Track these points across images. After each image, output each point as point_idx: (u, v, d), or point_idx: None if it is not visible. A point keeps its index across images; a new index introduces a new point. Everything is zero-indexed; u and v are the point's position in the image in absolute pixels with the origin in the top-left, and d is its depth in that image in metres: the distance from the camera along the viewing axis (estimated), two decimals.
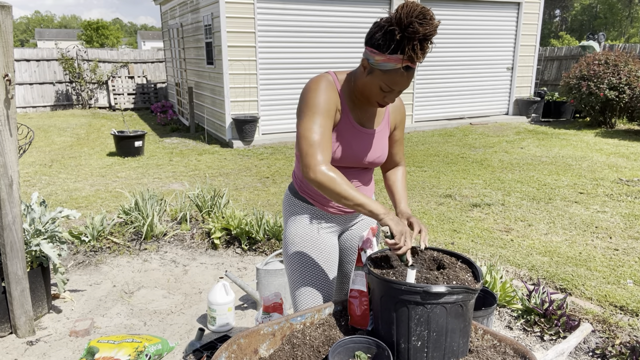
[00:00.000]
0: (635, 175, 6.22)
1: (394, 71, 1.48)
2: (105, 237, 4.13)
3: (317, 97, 1.55)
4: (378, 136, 1.74)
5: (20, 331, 2.79)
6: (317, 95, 1.55)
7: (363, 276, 1.54)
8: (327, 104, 1.56)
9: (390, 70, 1.48)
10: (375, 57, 1.48)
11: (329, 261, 1.82)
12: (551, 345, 2.71)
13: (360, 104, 1.68)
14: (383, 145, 1.76)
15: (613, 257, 3.79)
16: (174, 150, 8.30)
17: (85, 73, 13.68)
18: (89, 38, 58.21)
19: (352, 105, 1.67)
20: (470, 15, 10.40)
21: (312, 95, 1.55)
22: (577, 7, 49.32)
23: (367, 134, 1.71)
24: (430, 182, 5.99)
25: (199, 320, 3.03)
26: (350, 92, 1.66)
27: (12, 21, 2.52)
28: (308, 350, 1.43)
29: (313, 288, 1.80)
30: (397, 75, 1.48)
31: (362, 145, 1.70)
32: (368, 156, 1.73)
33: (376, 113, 1.74)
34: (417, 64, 1.49)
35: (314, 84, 1.58)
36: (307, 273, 1.80)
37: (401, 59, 1.45)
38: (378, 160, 1.76)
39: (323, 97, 1.56)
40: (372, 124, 1.73)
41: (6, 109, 2.52)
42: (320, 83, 1.58)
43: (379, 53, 1.47)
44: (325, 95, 1.56)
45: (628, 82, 9.27)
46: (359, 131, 1.69)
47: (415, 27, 1.38)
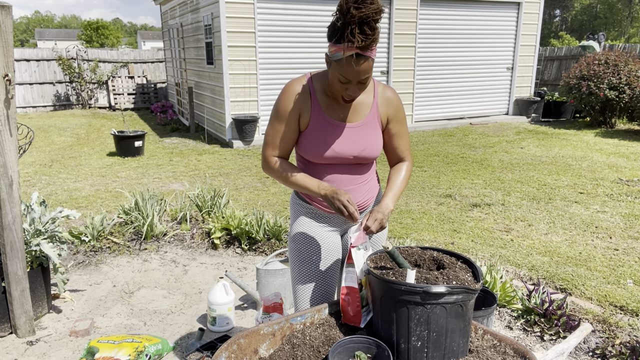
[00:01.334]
0: (635, 175, 6.22)
1: (344, 60, 1.51)
2: (105, 237, 4.13)
3: (278, 103, 1.72)
4: (361, 129, 1.74)
5: (20, 331, 2.79)
6: (278, 102, 1.72)
7: (354, 273, 1.57)
8: (285, 109, 1.70)
9: (340, 60, 1.52)
10: (329, 49, 1.57)
11: (328, 258, 1.84)
12: (551, 345, 2.71)
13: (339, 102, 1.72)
14: (369, 139, 1.75)
15: (613, 257, 3.79)
16: (174, 150, 8.30)
17: (85, 73, 13.68)
18: (89, 38, 58.20)
19: (327, 102, 1.72)
20: (470, 15, 10.40)
21: (276, 102, 1.73)
22: (577, 7, 49.31)
23: (345, 128, 1.73)
24: (430, 182, 5.99)
25: (199, 320, 3.03)
26: (324, 89, 1.72)
27: (12, 21, 2.52)
28: (308, 350, 1.43)
29: (311, 283, 1.83)
30: (346, 64, 1.52)
31: (341, 139, 1.72)
32: (351, 150, 1.73)
33: (358, 107, 1.74)
34: (370, 51, 1.51)
35: (282, 91, 1.73)
36: (306, 269, 1.84)
37: (345, 46, 1.49)
38: (364, 153, 1.75)
39: (282, 103, 1.70)
40: (355, 117, 1.74)
41: (6, 109, 2.52)
42: (285, 89, 1.71)
43: (330, 44, 1.55)
44: (285, 101, 1.70)
45: (628, 82, 9.27)
46: (334, 126, 1.72)
47: (351, 11, 1.43)
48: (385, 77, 9.81)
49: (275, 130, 1.74)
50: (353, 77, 1.54)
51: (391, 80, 9.81)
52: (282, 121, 1.72)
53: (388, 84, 9.82)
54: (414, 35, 9.81)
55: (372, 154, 1.77)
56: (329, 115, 1.72)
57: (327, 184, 1.68)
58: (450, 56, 10.48)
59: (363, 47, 1.48)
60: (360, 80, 1.57)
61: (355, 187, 1.80)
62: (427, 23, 9.97)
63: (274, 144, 1.75)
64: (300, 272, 1.85)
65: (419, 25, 9.83)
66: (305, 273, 1.84)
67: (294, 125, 1.72)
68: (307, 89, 1.71)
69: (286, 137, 1.74)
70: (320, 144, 1.71)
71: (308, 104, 1.70)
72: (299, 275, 1.85)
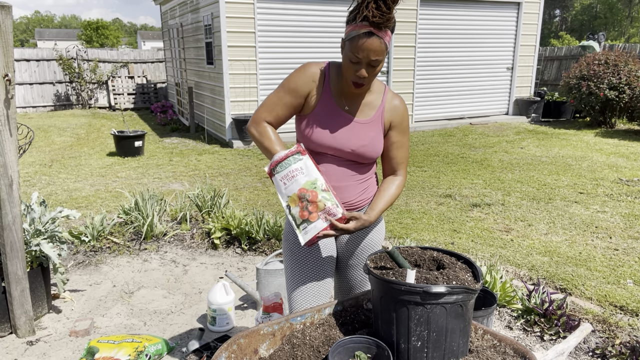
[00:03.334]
0: (635, 175, 6.22)
1: (357, 37, 1.54)
2: (105, 237, 4.13)
3: (291, 76, 1.74)
4: (365, 126, 1.75)
5: (20, 331, 2.79)
6: (291, 75, 1.74)
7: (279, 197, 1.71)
8: (296, 83, 1.72)
9: (354, 38, 1.55)
10: (345, 32, 1.61)
11: (323, 260, 1.83)
12: (551, 345, 2.71)
13: (349, 93, 1.73)
14: (371, 138, 1.75)
15: (613, 257, 3.79)
16: (174, 150, 8.30)
17: (85, 73, 13.68)
18: (89, 38, 58.21)
19: (338, 91, 1.74)
20: (470, 15, 10.40)
21: (289, 75, 1.75)
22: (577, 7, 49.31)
23: (349, 120, 1.74)
24: (430, 182, 5.99)
25: (199, 320, 3.03)
26: (338, 80, 1.74)
27: (12, 21, 2.52)
28: (308, 350, 1.43)
29: (304, 285, 1.82)
30: (359, 41, 1.54)
31: (343, 130, 1.73)
32: (351, 143, 1.73)
33: (366, 106, 1.75)
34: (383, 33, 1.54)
35: (299, 67, 1.75)
36: (299, 271, 1.83)
37: (361, 24, 1.53)
38: (363, 150, 1.74)
39: (295, 77, 1.73)
40: (361, 114, 1.76)
41: (6, 109, 2.52)
42: (302, 67, 1.73)
43: (347, 25, 1.60)
44: (299, 76, 1.72)
45: (628, 82, 9.27)
46: (339, 115, 1.73)
47: None
48: (385, 77, 9.81)
49: (279, 98, 1.74)
50: (364, 56, 1.55)
51: (391, 80, 9.81)
52: (289, 93, 1.73)
53: (388, 84, 9.82)
54: (414, 35, 9.81)
55: (371, 153, 1.76)
56: (337, 104, 1.73)
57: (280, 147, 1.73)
58: (450, 56, 10.48)
59: (377, 24, 1.51)
60: (370, 62, 1.57)
61: (350, 185, 1.78)
62: (427, 23, 9.97)
63: (271, 109, 1.76)
64: (294, 274, 1.84)
65: (419, 25, 9.83)
66: (299, 275, 1.83)
67: (298, 101, 1.73)
68: (323, 73, 1.73)
69: (285, 109, 1.75)
70: (322, 130, 1.72)
71: (320, 87, 1.72)
72: (293, 277, 1.85)
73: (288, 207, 1.65)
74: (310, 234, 1.62)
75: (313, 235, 1.61)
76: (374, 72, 1.62)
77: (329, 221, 1.61)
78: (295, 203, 1.64)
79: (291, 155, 1.67)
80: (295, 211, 1.64)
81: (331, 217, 1.61)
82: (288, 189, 1.65)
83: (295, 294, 1.84)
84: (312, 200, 1.62)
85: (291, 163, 1.66)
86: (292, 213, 1.65)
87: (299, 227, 1.64)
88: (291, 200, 1.65)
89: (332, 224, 1.61)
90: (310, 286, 1.82)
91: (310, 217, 1.62)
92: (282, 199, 1.67)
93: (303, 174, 1.64)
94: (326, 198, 1.62)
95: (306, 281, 1.82)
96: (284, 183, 1.66)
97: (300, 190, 1.63)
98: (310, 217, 1.62)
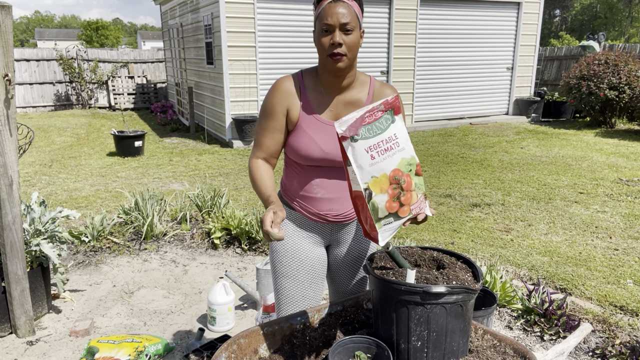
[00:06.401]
0: (635, 175, 6.22)
1: (324, 8, 1.54)
2: (105, 237, 4.13)
3: (265, 100, 1.68)
4: None
5: (20, 331, 2.79)
6: (265, 99, 1.68)
7: (353, 172, 1.25)
8: (272, 106, 1.66)
9: (321, 12, 1.55)
10: (314, 17, 1.60)
11: (312, 273, 1.76)
12: (551, 345, 2.71)
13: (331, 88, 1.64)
14: None
15: (613, 257, 3.79)
16: (174, 150, 8.30)
17: (85, 73, 13.68)
18: (89, 38, 58.22)
19: (318, 99, 1.65)
20: (470, 15, 10.40)
21: (264, 100, 1.71)
22: (577, 7, 49.31)
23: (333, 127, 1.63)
24: (430, 182, 5.99)
25: (199, 320, 3.03)
26: (315, 85, 1.66)
27: (12, 21, 2.52)
28: (308, 350, 1.43)
29: (293, 299, 1.75)
30: (327, 7, 1.53)
31: (331, 139, 1.63)
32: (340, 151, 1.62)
33: (351, 105, 1.66)
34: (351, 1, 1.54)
35: (270, 88, 1.69)
36: (288, 284, 1.75)
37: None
38: None
39: (269, 100, 1.67)
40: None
41: (6, 109, 2.52)
42: (273, 86, 1.67)
43: (315, 9, 1.59)
44: (271, 99, 1.66)
45: (628, 82, 9.27)
46: (324, 124, 1.63)
47: None
48: (385, 77, 9.81)
49: (262, 129, 1.68)
50: (334, 21, 1.51)
51: (391, 80, 9.81)
52: (269, 118, 1.66)
53: (388, 83, 9.82)
54: (414, 35, 9.81)
55: None
56: (320, 113, 1.64)
57: (274, 198, 1.53)
58: (450, 56, 10.48)
59: None
60: (342, 26, 1.52)
61: (345, 196, 1.70)
62: (427, 23, 9.97)
63: (259, 144, 1.69)
64: (282, 287, 1.76)
65: (419, 25, 9.83)
66: (288, 288, 1.75)
67: (280, 123, 1.65)
68: (297, 85, 1.65)
69: (273, 136, 1.67)
70: (309, 143, 1.62)
71: (297, 100, 1.64)
72: (281, 291, 1.76)
73: (368, 193, 1.22)
74: (391, 233, 1.27)
75: (394, 232, 1.27)
76: (350, 41, 1.54)
77: (414, 216, 1.28)
78: (383, 188, 1.22)
79: (385, 112, 1.25)
80: (381, 200, 1.22)
81: (421, 210, 1.31)
82: (376, 167, 1.23)
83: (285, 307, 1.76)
84: (407, 189, 1.25)
85: (384, 126, 1.24)
86: (373, 201, 1.22)
87: (379, 222, 1.24)
88: (375, 183, 1.22)
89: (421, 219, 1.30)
90: (301, 301, 1.75)
91: (401, 211, 1.26)
92: (359, 177, 1.22)
93: (398, 147, 1.25)
94: (419, 186, 1.27)
95: (297, 295, 1.75)
96: (372, 157, 1.22)
97: (394, 172, 1.23)
98: (401, 212, 1.26)
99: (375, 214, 1.23)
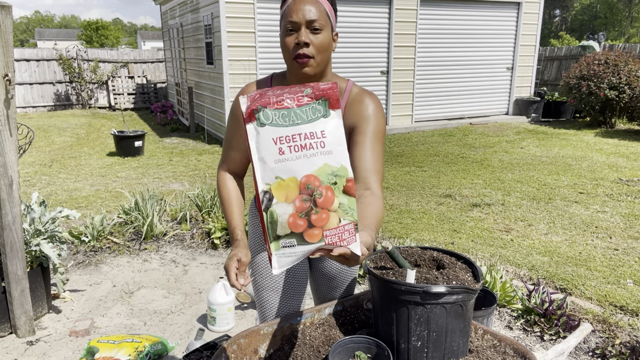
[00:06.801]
0: (635, 175, 6.22)
1: (290, 3, 1.38)
2: (105, 237, 4.13)
3: (231, 108, 1.55)
4: None
5: (20, 331, 2.79)
6: (231, 107, 1.55)
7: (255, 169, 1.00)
8: (234, 108, 1.53)
9: (288, 6, 1.40)
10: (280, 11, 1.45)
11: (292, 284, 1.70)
12: (551, 345, 2.71)
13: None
14: None
15: (613, 257, 3.79)
16: (174, 150, 8.30)
17: (85, 73, 13.68)
18: (89, 38, 58.25)
19: None
20: (470, 15, 10.40)
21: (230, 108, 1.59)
22: (577, 7, 49.31)
23: None
24: (430, 182, 5.99)
25: (199, 320, 3.03)
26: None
27: (12, 21, 2.52)
28: (308, 350, 1.43)
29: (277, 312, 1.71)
30: (292, 6, 1.38)
31: None
32: None
33: None
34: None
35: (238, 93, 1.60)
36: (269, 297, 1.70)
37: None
38: None
39: (232, 109, 1.54)
40: None
41: (6, 109, 2.52)
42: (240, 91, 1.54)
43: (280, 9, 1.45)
44: (233, 106, 1.53)
45: (628, 82, 9.27)
46: None
47: None
48: (385, 77, 9.81)
49: (227, 139, 1.55)
50: (300, 17, 1.35)
51: (391, 80, 9.81)
52: (233, 127, 1.52)
53: (388, 83, 9.83)
54: (414, 35, 9.81)
55: None
56: None
57: (240, 234, 1.39)
58: (450, 56, 10.48)
59: None
60: (309, 24, 1.36)
61: None
62: (427, 23, 9.97)
63: (224, 155, 1.56)
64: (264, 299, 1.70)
65: (419, 25, 9.83)
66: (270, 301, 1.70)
67: (237, 132, 1.52)
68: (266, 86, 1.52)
69: (238, 147, 1.53)
70: None
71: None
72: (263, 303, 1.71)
73: (268, 197, 0.94)
74: (292, 260, 0.95)
75: (295, 261, 0.96)
76: (319, 41, 1.37)
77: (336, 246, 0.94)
78: (289, 197, 0.93)
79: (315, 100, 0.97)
80: (284, 211, 0.93)
81: (342, 242, 0.95)
82: (284, 165, 0.94)
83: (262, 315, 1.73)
84: (322, 205, 0.93)
85: (308, 117, 0.96)
86: (272, 210, 0.93)
87: (276, 240, 0.94)
88: (280, 188, 0.93)
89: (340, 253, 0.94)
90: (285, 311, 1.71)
91: (308, 233, 0.93)
92: (259, 174, 0.95)
93: (323, 148, 0.94)
94: (346, 209, 0.94)
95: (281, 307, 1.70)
96: (281, 151, 0.94)
97: (307, 179, 0.93)
98: (308, 235, 0.93)
99: (272, 229, 0.93)
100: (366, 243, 1.08)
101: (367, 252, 1.05)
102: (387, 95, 9.91)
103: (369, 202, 1.29)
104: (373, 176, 1.38)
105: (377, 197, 1.32)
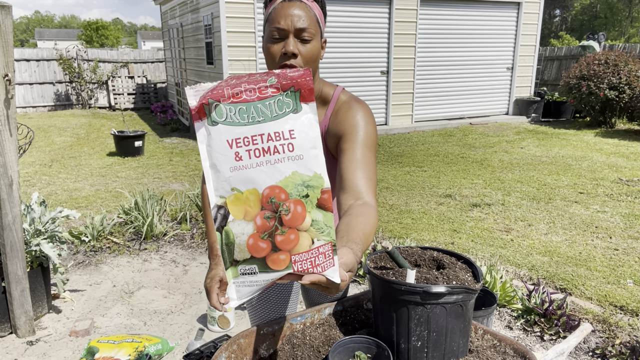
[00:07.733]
0: (635, 175, 6.22)
1: (277, 6, 1.26)
2: (105, 237, 4.13)
3: None
4: None
5: (20, 331, 2.79)
6: None
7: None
8: None
9: (271, 13, 1.28)
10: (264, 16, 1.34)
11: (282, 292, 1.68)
12: (551, 345, 2.71)
13: None
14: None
15: (613, 257, 3.79)
16: (174, 150, 8.30)
17: (85, 73, 13.68)
18: (89, 38, 58.26)
19: None
20: (470, 15, 10.41)
21: None
22: (577, 7, 49.31)
23: None
24: (430, 182, 5.99)
25: (199, 320, 3.03)
26: None
27: (12, 21, 2.52)
28: (308, 350, 1.43)
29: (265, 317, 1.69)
30: (279, 7, 1.26)
31: None
32: None
33: None
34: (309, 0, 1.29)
35: None
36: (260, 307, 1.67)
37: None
38: None
39: None
40: None
41: (6, 109, 2.52)
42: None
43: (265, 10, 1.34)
44: None
45: (628, 82, 9.27)
46: None
47: None
48: (385, 77, 9.81)
49: None
50: (288, 24, 1.23)
51: (391, 80, 9.81)
52: None
53: (388, 83, 9.83)
54: (414, 35, 9.81)
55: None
56: None
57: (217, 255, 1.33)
58: (450, 56, 10.48)
59: None
60: (298, 31, 1.24)
61: None
62: (427, 23, 9.97)
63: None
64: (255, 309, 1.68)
65: (419, 25, 9.83)
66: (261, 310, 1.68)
67: None
68: None
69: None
70: None
71: None
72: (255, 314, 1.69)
73: (222, 214, 0.78)
74: (252, 290, 0.81)
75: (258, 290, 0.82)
76: (307, 51, 1.26)
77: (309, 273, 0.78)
78: (248, 213, 0.76)
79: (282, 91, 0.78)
80: (242, 231, 0.77)
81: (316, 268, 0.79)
82: (241, 174, 0.77)
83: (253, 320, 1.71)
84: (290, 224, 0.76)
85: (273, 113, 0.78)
86: (227, 229, 0.77)
87: (234, 266, 0.79)
88: (237, 202, 0.77)
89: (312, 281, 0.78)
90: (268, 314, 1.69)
91: (272, 259, 0.77)
92: (211, 184, 0.78)
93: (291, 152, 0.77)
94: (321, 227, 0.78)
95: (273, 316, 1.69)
96: (238, 156, 0.76)
97: (271, 191, 0.76)
98: (272, 260, 0.77)
99: (229, 252, 0.77)
100: (347, 265, 0.88)
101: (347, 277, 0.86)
102: (387, 95, 9.91)
103: (359, 212, 1.13)
104: (364, 185, 1.22)
105: (369, 207, 1.17)
